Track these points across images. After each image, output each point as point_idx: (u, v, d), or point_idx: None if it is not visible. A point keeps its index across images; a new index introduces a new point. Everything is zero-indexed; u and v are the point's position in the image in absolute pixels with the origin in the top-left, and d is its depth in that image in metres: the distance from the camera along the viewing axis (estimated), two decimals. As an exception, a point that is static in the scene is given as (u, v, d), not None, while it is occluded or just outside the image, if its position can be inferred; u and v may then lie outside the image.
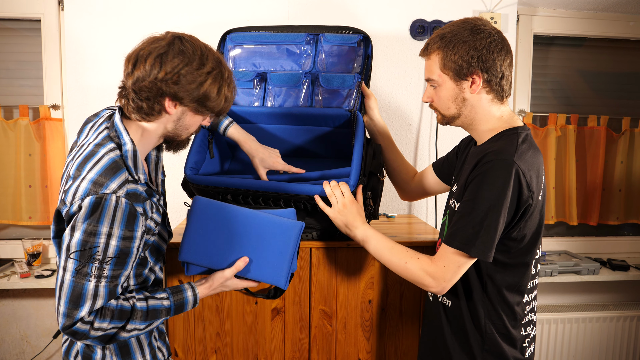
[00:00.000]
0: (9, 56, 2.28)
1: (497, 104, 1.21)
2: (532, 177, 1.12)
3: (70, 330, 1.00)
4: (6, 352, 2.32)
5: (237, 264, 1.20)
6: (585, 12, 2.48)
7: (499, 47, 1.16)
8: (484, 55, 1.14)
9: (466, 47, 1.14)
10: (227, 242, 1.20)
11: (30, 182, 2.25)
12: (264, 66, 1.65)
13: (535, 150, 1.18)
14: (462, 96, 1.19)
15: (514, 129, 1.20)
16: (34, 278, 2.10)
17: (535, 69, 2.49)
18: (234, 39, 1.66)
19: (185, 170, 1.47)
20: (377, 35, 2.17)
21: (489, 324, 1.21)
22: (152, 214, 1.13)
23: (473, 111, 1.21)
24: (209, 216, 1.21)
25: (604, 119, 2.51)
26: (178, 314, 1.16)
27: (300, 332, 1.52)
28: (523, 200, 1.12)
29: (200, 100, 1.08)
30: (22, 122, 2.21)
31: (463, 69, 1.16)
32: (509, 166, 1.09)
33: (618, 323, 2.48)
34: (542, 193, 1.19)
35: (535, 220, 1.18)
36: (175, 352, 1.51)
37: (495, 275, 1.19)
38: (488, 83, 1.17)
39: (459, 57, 1.15)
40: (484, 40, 1.15)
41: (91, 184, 0.99)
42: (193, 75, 1.06)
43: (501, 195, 1.09)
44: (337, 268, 1.50)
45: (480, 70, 1.15)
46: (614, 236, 2.70)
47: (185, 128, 1.14)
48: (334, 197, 1.31)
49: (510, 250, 1.18)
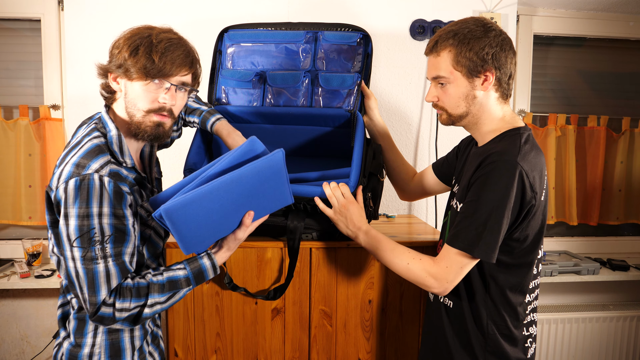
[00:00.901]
0: (9, 56, 2.28)
1: (501, 103, 1.22)
2: (535, 177, 1.12)
3: (97, 317, 1.04)
4: (6, 352, 2.32)
5: (245, 221, 1.17)
6: (585, 12, 2.47)
7: (509, 46, 1.18)
8: (497, 52, 1.15)
9: (481, 44, 1.15)
10: (223, 217, 1.13)
11: (30, 182, 2.25)
12: (262, 65, 1.64)
13: (538, 150, 1.18)
14: (473, 94, 1.19)
15: (516, 129, 1.20)
16: (34, 278, 2.10)
17: (535, 69, 2.49)
18: (231, 37, 1.64)
19: (184, 171, 1.47)
20: (377, 35, 2.17)
21: (491, 324, 1.21)
22: (143, 202, 1.15)
23: (481, 109, 1.21)
24: (190, 215, 1.08)
25: (604, 119, 2.51)
26: (200, 283, 1.15)
27: (300, 332, 1.52)
28: (526, 201, 1.12)
29: (122, 65, 1.09)
30: (22, 122, 2.21)
31: (477, 66, 1.16)
32: (513, 167, 1.09)
33: (618, 323, 2.48)
34: (545, 193, 1.19)
35: (538, 221, 1.18)
36: (175, 352, 1.51)
37: (498, 275, 1.19)
38: (498, 81, 1.18)
39: (474, 53, 1.15)
40: (497, 38, 1.16)
41: (74, 167, 1.02)
42: (118, 48, 1.10)
43: (505, 196, 1.09)
44: (337, 268, 1.50)
45: (494, 68, 1.16)
46: (614, 236, 2.70)
47: (133, 103, 1.11)
48: (334, 198, 1.31)
49: (513, 250, 1.17)
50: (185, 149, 1.58)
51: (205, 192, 1.07)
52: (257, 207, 1.19)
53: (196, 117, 1.45)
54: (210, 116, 1.42)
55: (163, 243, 1.23)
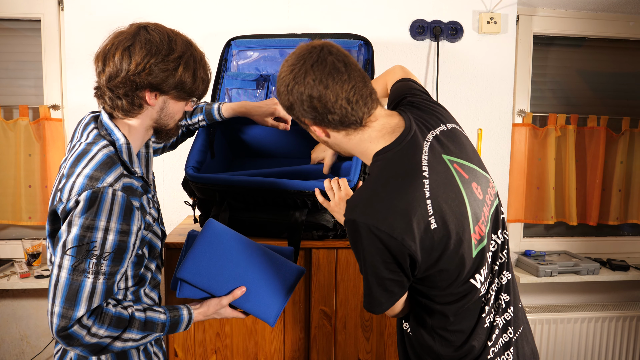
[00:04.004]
0: (9, 56, 2.28)
1: (356, 135, 1.04)
2: (394, 223, 0.93)
3: (65, 334, 0.97)
4: (6, 352, 2.32)
5: (235, 293, 1.18)
6: (585, 12, 2.48)
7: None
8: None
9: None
10: (230, 270, 1.19)
11: (30, 182, 2.25)
12: (267, 70, 1.69)
13: (398, 179, 0.97)
14: (322, 139, 1.10)
15: (376, 154, 1.03)
16: (33, 278, 2.11)
17: (535, 69, 2.49)
18: (238, 44, 1.71)
19: (186, 169, 1.47)
20: (377, 35, 2.18)
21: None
22: (150, 209, 1.13)
23: (347, 150, 1.10)
24: (219, 241, 1.20)
25: (603, 119, 2.51)
26: (171, 333, 1.14)
27: (300, 332, 1.52)
28: (397, 254, 0.95)
29: (179, 86, 1.07)
30: (22, 122, 2.21)
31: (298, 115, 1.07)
32: (358, 228, 0.96)
33: (618, 323, 2.49)
34: (437, 218, 0.97)
35: (437, 263, 0.99)
36: (175, 352, 1.51)
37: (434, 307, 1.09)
38: (324, 125, 1.03)
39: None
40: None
41: (87, 179, 0.99)
42: (164, 63, 1.03)
43: (363, 255, 0.98)
44: (337, 268, 1.50)
45: (307, 118, 1.04)
46: (614, 236, 2.70)
47: (171, 117, 1.13)
48: (332, 191, 1.31)
49: (436, 285, 1.04)
50: (185, 151, 1.58)
51: (242, 238, 1.24)
52: (252, 290, 1.20)
53: (199, 114, 1.47)
54: (212, 105, 1.47)
55: (161, 243, 1.23)
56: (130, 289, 1.12)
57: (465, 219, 1.01)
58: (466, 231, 1.01)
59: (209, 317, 1.19)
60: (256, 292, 1.20)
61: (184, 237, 1.55)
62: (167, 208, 2.13)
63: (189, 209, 2.02)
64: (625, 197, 2.61)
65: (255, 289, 1.20)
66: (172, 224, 2.02)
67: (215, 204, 1.48)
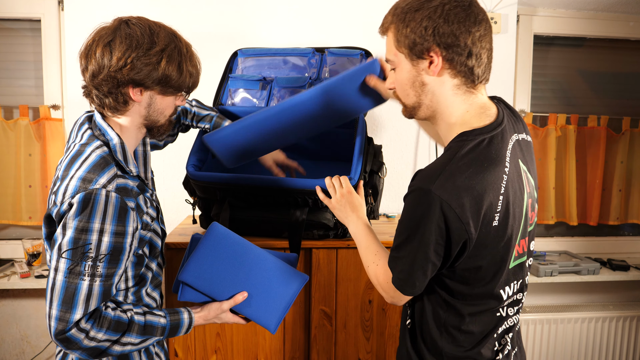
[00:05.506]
0: (9, 56, 2.28)
1: (464, 92, 0.97)
2: (465, 205, 0.89)
3: (64, 337, 0.97)
4: (6, 352, 2.32)
5: (236, 298, 1.18)
6: (585, 12, 2.48)
7: (462, 16, 0.91)
8: (439, 26, 0.91)
9: (418, 17, 0.93)
10: (233, 275, 1.19)
11: (30, 182, 2.25)
12: (270, 75, 1.73)
13: (483, 165, 0.92)
14: (420, 80, 0.97)
15: (464, 134, 0.95)
16: (34, 278, 2.11)
17: (535, 69, 2.49)
18: (244, 52, 1.76)
19: (187, 168, 1.47)
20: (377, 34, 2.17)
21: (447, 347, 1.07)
22: (147, 209, 1.12)
23: (435, 100, 0.98)
24: (223, 245, 1.20)
25: (604, 119, 2.51)
26: (171, 336, 1.13)
27: (300, 332, 1.52)
28: (454, 236, 0.91)
29: (163, 81, 1.04)
30: (22, 122, 2.21)
31: (417, 45, 0.94)
32: (428, 199, 0.89)
33: (618, 323, 2.48)
34: (501, 216, 0.94)
35: (483, 255, 0.96)
36: (175, 352, 1.51)
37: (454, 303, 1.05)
38: (450, 63, 0.94)
39: (410, 29, 0.94)
40: (440, 8, 0.92)
41: (80, 181, 0.98)
42: (146, 57, 1.01)
43: (422, 234, 0.91)
44: (337, 268, 1.50)
45: (438, 46, 0.92)
46: (614, 236, 2.70)
47: (160, 112, 1.11)
48: (332, 188, 1.30)
49: (467, 281, 1.01)
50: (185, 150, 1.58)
51: (246, 243, 1.24)
52: (253, 296, 1.20)
53: (207, 123, 1.47)
54: (222, 121, 1.47)
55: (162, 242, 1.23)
56: (131, 290, 1.12)
57: (517, 229, 0.98)
58: (513, 240, 0.98)
59: (210, 321, 1.19)
60: (258, 297, 1.20)
61: (184, 237, 1.55)
62: (167, 207, 2.12)
63: (189, 209, 2.02)
64: (625, 197, 2.61)
65: (257, 295, 1.20)
66: (172, 223, 2.02)
67: (216, 202, 1.49)
